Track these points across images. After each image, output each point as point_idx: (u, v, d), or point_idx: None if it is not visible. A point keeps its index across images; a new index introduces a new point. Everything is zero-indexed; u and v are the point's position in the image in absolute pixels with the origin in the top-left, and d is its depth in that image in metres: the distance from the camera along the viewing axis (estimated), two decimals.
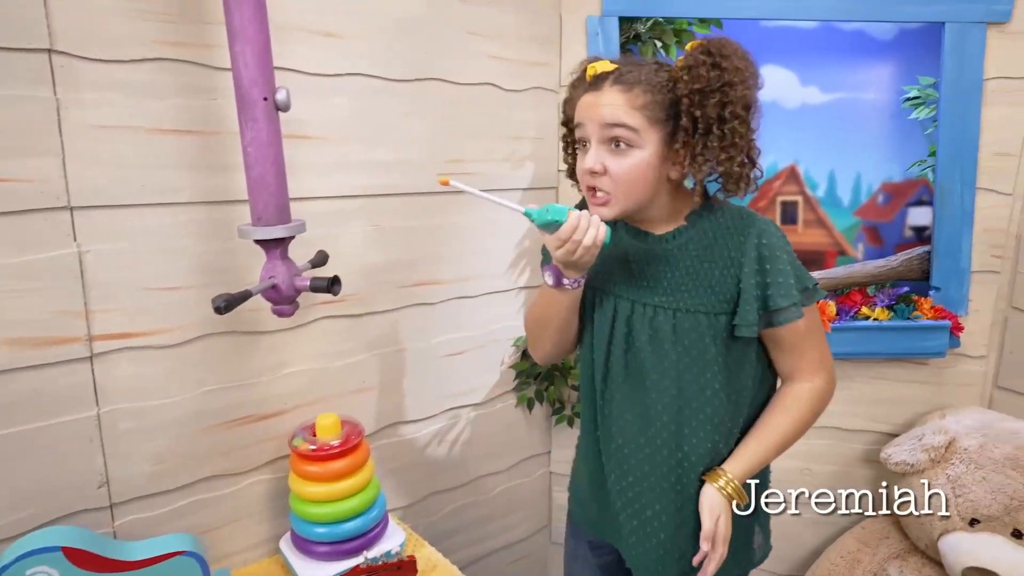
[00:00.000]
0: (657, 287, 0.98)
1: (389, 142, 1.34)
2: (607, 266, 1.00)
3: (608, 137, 0.90)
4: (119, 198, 1.05)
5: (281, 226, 1.04)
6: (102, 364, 1.07)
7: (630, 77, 0.90)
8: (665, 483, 0.97)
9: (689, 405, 0.96)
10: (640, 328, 0.98)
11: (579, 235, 0.86)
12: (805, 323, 0.96)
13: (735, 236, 0.95)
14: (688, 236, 0.97)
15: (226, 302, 0.93)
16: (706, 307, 0.95)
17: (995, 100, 1.47)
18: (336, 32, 1.24)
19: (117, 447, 1.10)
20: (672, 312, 0.96)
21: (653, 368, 0.97)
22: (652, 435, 0.98)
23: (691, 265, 0.96)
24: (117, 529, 1.12)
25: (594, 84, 0.92)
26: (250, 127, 1.00)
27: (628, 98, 0.89)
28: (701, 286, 0.95)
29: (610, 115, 0.89)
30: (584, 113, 0.93)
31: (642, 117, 0.89)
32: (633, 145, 0.90)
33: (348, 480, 1.21)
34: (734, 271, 0.94)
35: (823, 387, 1.00)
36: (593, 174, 0.92)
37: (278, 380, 1.27)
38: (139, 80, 1.04)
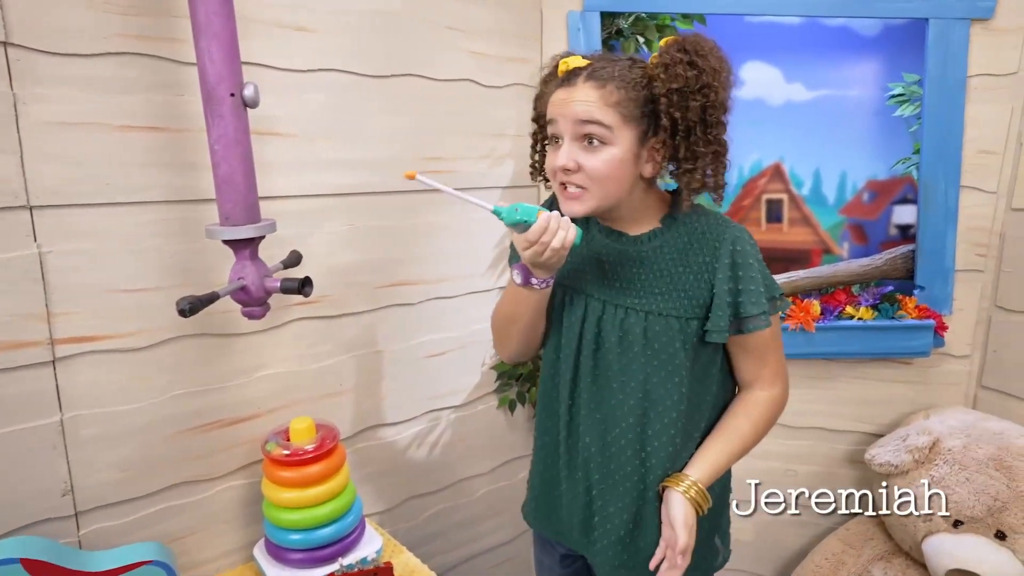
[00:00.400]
0: (630, 289, 0.96)
1: (364, 139, 1.31)
2: (580, 265, 0.99)
3: (581, 134, 0.88)
4: (82, 197, 1.02)
5: (250, 226, 1.01)
6: (65, 368, 1.04)
7: (604, 73, 0.88)
8: (628, 482, 0.98)
9: (655, 408, 0.96)
10: (610, 329, 0.96)
11: (548, 237, 0.84)
12: (770, 332, 0.97)
13: (710, 242, 0.94)
14: (663, 239, 0.96)
15: (190, 305, 0.90)
16: (678, 311, 0.94)
17: (979, 97, 1.46)
18: (309, 26, 1.21)
19: (81, 454, 1.06)
20: (644, 315, 0.95)
21: (621, 370, 0.96)
22: (617, 435, 0.98)
23: (665, 268, 0.95)
24: (83, 538, 1.09)
25: (567, 80, 0.90)
26: (217, 124, 0.97)
27: (602, 94, 0.87)
28: (674, 290, 0.94)
29: (583, 112, 0.87)
30: (556, 109, 0.90)
31: (616, 114, 0.87)
32: (606, 142, 0.88)
33: (323, 485, 1.18)
34: (708, 277, 0.94)
35: (780, 396, 1.02)
36: (566, 171, 0.90)
37: (251, 383, 1.24)
38: (102, 75, 1.01)
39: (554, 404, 1.05)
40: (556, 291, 1.02)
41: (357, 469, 1.42)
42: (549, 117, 0.92)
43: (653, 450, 0.96)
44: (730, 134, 0.92)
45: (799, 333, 1.54)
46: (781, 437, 1.68)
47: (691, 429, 0.99)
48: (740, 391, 1.04)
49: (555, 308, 1.03)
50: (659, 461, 0.96)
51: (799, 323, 1.52)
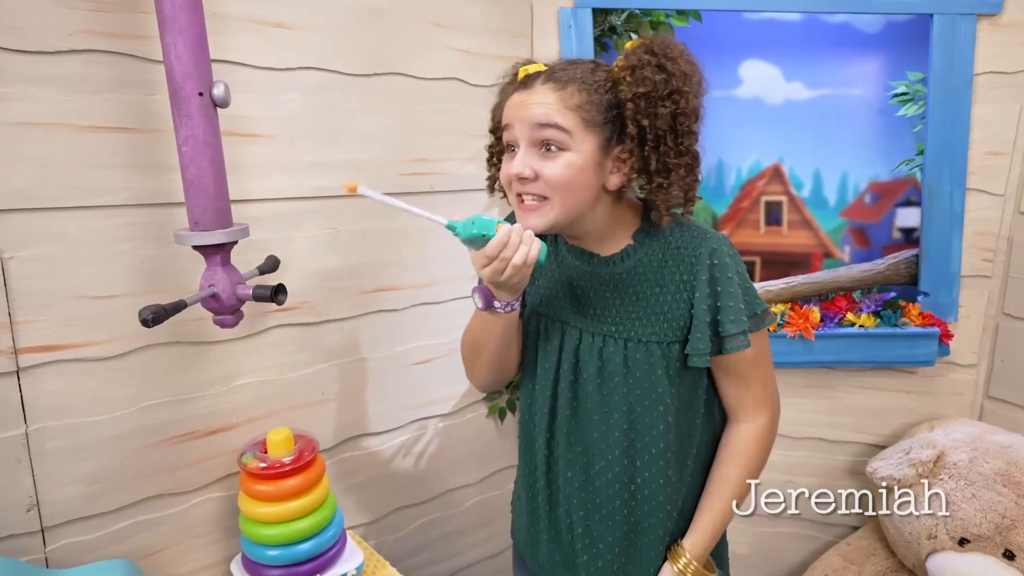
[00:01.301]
0: (606, 315, 0.90)
1: (345, 140, 1.27)
2: (553, 290, 0.93)
3: (538, 139, 0.82)
4: (47, 200, 0.98)
5: (220, 231, 0.97)
6: (30, 379, 0.99)
7: (564, 75, 0.81)
8: (618, 516, 0.91)
9: (641, 439, 0.89)
10: (588, 359, 0.90)
11: (508, 252, 0.77)
12: (753, 352, 0.88)
13: (686, 257, 0.87)
14: (637, 258, 0.89)
15: (153, 315, 0.85)
16: (658, 336, 0.87)
17: (986, 96, 1.40)
18: (287, 23, 1.16)
19: (48, 467, 1.02)
20: (623, 342, 0.88)
21: (602, 401, 0.90)
22: (603, 468, 0.91)
23: (641, 291, 0.88)
24: (50, 555, 1.04)
25: (525, 83, 0.84)
26: (184, 124, 0.93)
27: (561, 96, 0.80)
28: (652, 314, 0.88)
29: (541, 114, 0.80)
30: (513, 113, 0.84)
31: (576, 118, 0.80)
32: (565, 148, 0.81)
33: (301, 499, 1.14)
34: (686, 296, 0.86)
35: (767, 426, 0.94)
36: (522, 180, 0.82)
37: (228, 393, 1.20)
38: (67, 73, 0.97)
39: (531, 437, 0.99)
40: (531, 319, 0.96)
41: (340, 480, 1.38)
42: (505, 123, 0.85)
43: (644, 481, 0.90)
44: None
45: (798, 341, 1.49)
46: (779, 448, 1.60)
47: (683, 456, 0.93)
48: (727, 425, 0.97)
49: (530, 336, 0.97)
50: (651, 493, 0.90)
51: (798, 330, 1.47)
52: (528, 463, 1.01)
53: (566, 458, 0.94)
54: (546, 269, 0.94)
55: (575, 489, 0.94)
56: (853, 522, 1.63)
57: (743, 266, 0.90)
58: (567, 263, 0.93)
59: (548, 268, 0.94)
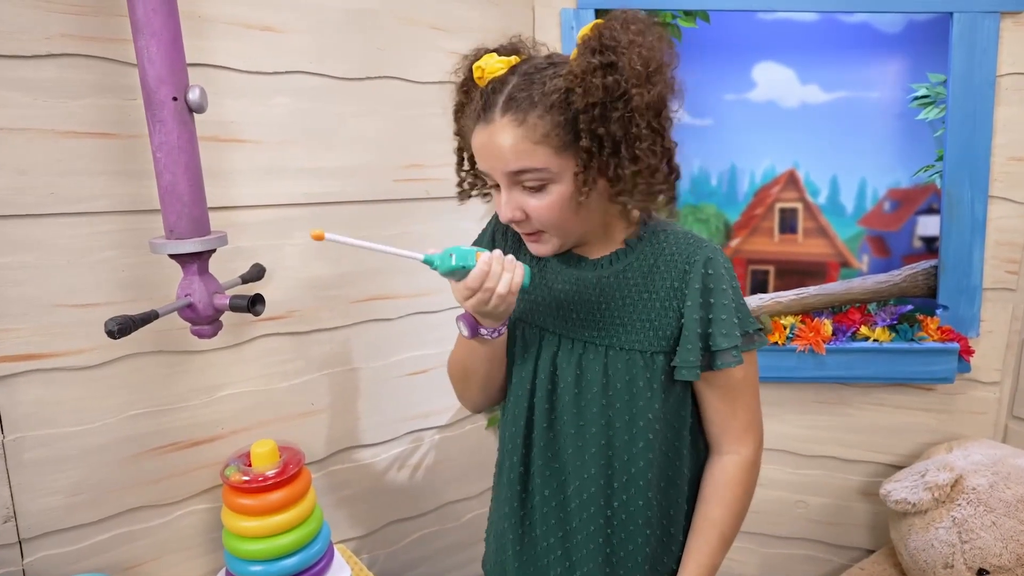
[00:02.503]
0: (588, 320, 0.84)
1: (337, 146, 1.24)
2: (533, 294, 0.89)
3: (516, 182, 0.77)
4: (25, 207, 0.96)
5: (196, 239, 0.94)
6: (6, 388, 0.98)
7: (522, 101, 0.73)
8: (594, 541, 0.85)
9: (620, 458, 0.83)
10: (566, 367, 0.85)
11: (491, 282, 0.74)
12: (742, 372, 0.83)
13: (679, 264, 0.82)
14: (626, 262, 0.84)
15: (119, 325, 0.83)
16: (642, 344, 0.82)
17: (1010, 99, 1.32)
18: (275, 26, 1.14)
19: (25, 478, 1.00)
20: (604, 349, 0.83)
21: (579, 414, 0.84)
22: (578, 488, 0.85)
23: (628, 296, 0.83)
24: (27, 567, 1.02)
25: (484, 113, 0.76)
26: (158, 130, 0.90)
27: (524, 133, 0.73)
28: (638, 320, 0.82)
29: (513, 161, 0.75)
30: (482, 154, 0.78)
31: (547, 149, 0.74)
32: (548, 182, 0.76)
33: (285, 513, 1.11)
34: (676, 304, 0.81)
35: (751, 458, 0.88)
36: (517, 221, 0.80)
37: (213, 403, 1.17)
38: (45, 78, 0.95)
39: (504, 452, 0.94)
40: (509, 322, 0.90)
41: (332, 493, 1.35)
42: (480, 165, 0.80)
43: (621, 505, 0.84)
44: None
45: (808, 355, 1.42)
46: (790, 466, 1.57)
47: (665, 485, 0.86)
48: (709, 457, 0.90)
49: (507, 343, 0.92)
50: (629, 516, 0.84)
51: (808, 344, 1.41)
52: (502, 482, 0.96)
53: (543, 475, 0.88)
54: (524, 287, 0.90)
55: (552, 509, 0.88)
56: (868, 545, 1.55)
57: (737, 281, 0.84)
58: (551, 267, 0.89)
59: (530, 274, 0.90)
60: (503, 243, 0.95)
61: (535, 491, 0.89)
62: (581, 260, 0.87)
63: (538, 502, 0.89)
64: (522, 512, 0.91)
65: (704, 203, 1.64)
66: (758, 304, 1.52)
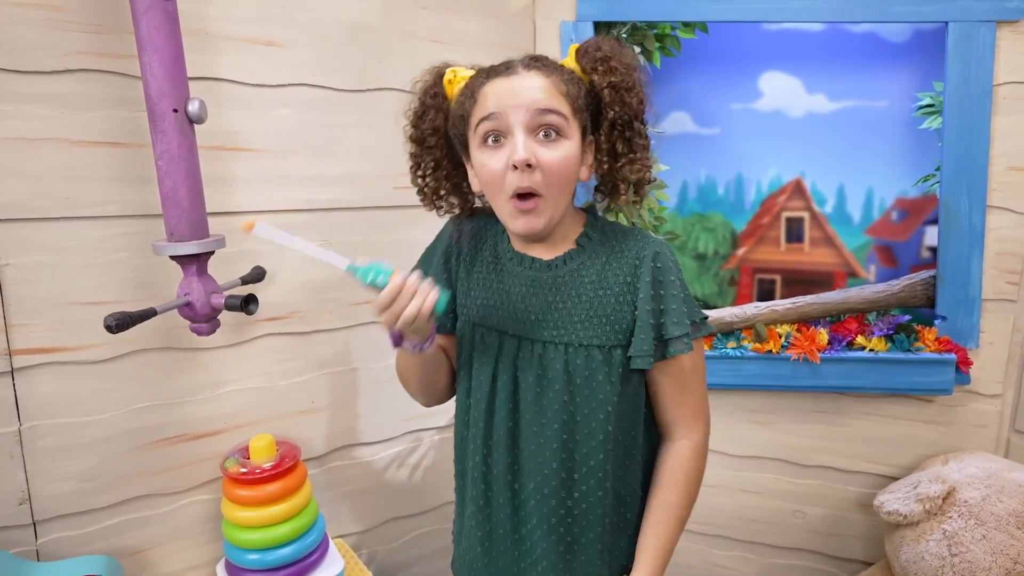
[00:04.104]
0: (547, 320, 0.87)
1: (338, 154, 1.29)
2: (491, 300, 0.91)
3: (537, 124, 0.80)
4: (42, 211, 1.03)
5: (194, 242, 1.01)
6: (24, 379, 1.05)
7: (543, 63, 0.83)
8: (555, 532, 0.88)
9: (580, 451, 0.87)
10: (527, 367, 0.88)
11: (398, 306, 0.76)
12: (691, 360, 0.87)
13: (629, 260, 0.86)
14: (579, 261, 0.88)
15: (117, 321, 0.89)
16: (600, 340, 0.85)
17: (1008, 108, 1.31)
18: (278, 41, 1.20)
19: (40, 464, 1.07)
20: (564, 347, 0.86)
21: (541, 412, 0.87)
22: (540, 483, 0.88)
23: (584, 293, 0.86)
24: (40, 548, 1.09)
25: (501, 71, 0.83)
26: (160, 140, 0.97)
27: (553, 82, 0.81)
28: (595, 316, 0.85)
29: (542, 100, 0.79)
30: (503, 100, 0.80)
31: (567, 104, 0.81)
32: (563, 135, 0.81)
33: (281, 504, 1.16)
34: (630, 298, 0.85)
35: (701, 441, 0.92)
36: (528, 167, 0.79)
37: (216, 399, 1.23)
38: (62, 91, 1.02)
39: (466, 452, 0.96)
40: (466, 328, 0.94)
41: (331, 488, 1.40)
42: (490, 111, 0.81)
43: (581, 495, 0.87)
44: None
45: (803, 364, 1.42)
46: (787, 475, 1.56)
47: (623, 474, 0.90)
48: (661, 442, 0.94)
49: (464, 349, 0.95)
50: (588, 507, 0.87)
51: (802, 353, 1.40)
52: (466, 483, 0.98)
53: (507, 473, 0.91)
54: (483, 279, 0.93)
55: (517, 504, 0.91)
56: (866, 558, 1.54)
57: (682, 273, 0.89)
58: (508, 271, 0.92)
59: (486, 278, 0.92)
60: (456, 262, 0.96)
61: (499, 489, 0.92)
62: (536, 262, 0.90)
63: (502, 499, 0.92)
64: (488, 510, 0.94)
65: (711, 212, 1.65)
66: (754, 312, 1.52)
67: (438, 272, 0.96)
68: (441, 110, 0.89)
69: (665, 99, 1.58)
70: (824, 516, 1.55)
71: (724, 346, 1.51)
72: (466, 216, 0.98)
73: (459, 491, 1.02)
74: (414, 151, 0.93)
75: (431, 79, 0.90)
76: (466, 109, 0.85)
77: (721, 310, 1.56)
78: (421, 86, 0.91)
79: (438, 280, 0.90)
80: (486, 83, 0.83)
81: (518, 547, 0.92)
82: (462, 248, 0.96)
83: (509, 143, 0.80)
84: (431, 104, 0.89)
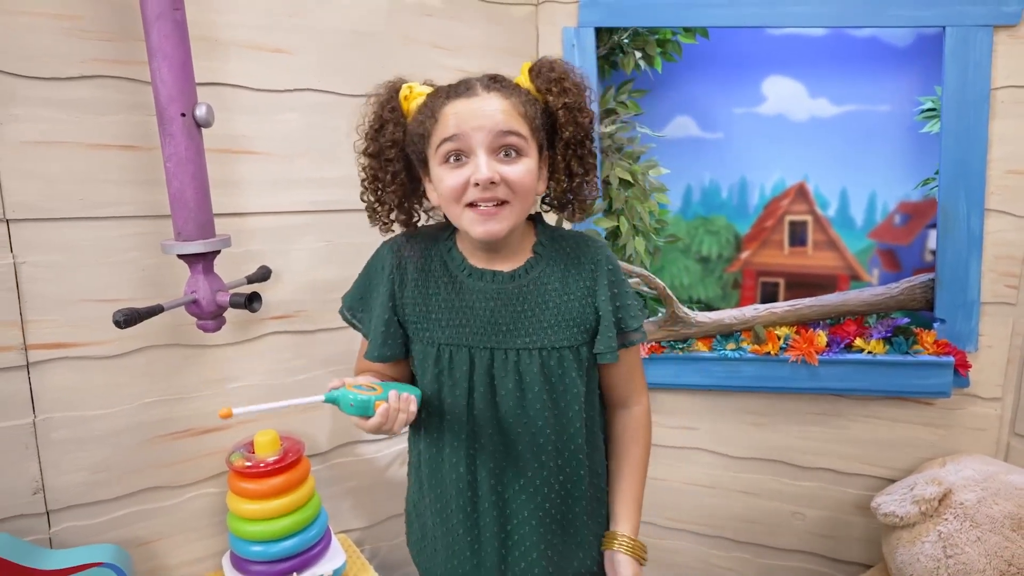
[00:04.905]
0: (518, 329, 0.91)
1: (341, 157, 1.31)
2: (455, 319, 0.92)
3: (500, 145, 0.84)
4: (57, 211, 1.07)
5: (200, 241, 1.04)
6: (38, 373, 1.09)
7: (502, 85, 0.86)
8: (548, 519, 0.94)
9: (562, 439, 0.93)
10: (504, 376, 0.91)
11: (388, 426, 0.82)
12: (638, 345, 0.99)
13: (587, 264, 0.93)
14: (540, 268, 0.93)
15: (125, 317, 0.93)
16: (570, 341, 0.91)
17: (1007, 112, 1.31)
18: (284, 48, 1.24)
19: (53, 455, 1.11)
20: (538, 352, 0.91)
21: (524, 413, 0.91)
22: (531, 477, 0.93)
23: (551, 299, 0.91)
24: (53, 536, 1.13)
25: (462, 91, 0.85)
26: (168, 143, 1.01)
27: (512, 104, 0.85)
28: (563, 320, 0.91)
29: (503, 121, 0.83)
30: (464, 122, 0.83)
31: (526, 125, 0.85)
32: (522, 153, 0.85)
33: (284, 498, 1.19)
34: (591, 300, 0.92)
35: (648, 406, 1.03)
36: (492, 184, 0.83)
37: (223, 394, 1.27)
38: (78, 97, 1.07)
39: (441, 471, 0.97)
40: (429, 350, 0.94)
41: (335, 484, 1.43)
42: (452, 132, 0.83)
43: (566, 478, 0.95)
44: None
45: (801, 366, 1.43)
46: (787, 477, 1.57)
47: (591, 450, 0.98)
48: (613, 412, 1.02)
49: (429, 368, 0.94)
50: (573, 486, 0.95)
51: (800, 355, 1.41)
52: (446, 493, 0.97)
53: (489, 482, 0.93)
54: (444, 300, 0.93)
55: (505, 501, 0.94)
56: (865, 560, 1.54)
57: None
58: (468, 287, 0.92)
59: (446, 299, 0.93)
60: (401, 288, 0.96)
61: (484, 494, 0.94)
62: (497, 275, 0.92)
63: (488, 503, 0.94)
64: (475, 515, 0.95)
65: (715, 215, 1.67)
66: (753, 314, 1.53)
67: (383, 303, 0.96)
68: (399, 124, 0.90)
69: (669, 104, 1.60)
70: (823, 518, 1.55)
71: (723, 348, 1.52)
72: (401, 240, 0.99)
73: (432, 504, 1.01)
74: (370, 164, 0.93)
75: (386, 93, 0.92)
76: (426, 128, 0.87)
77: (720, 312, 1.57)
78: (377, 100, 0.92)
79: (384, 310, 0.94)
80: (447, 103, 0.85)
81: (504, 544, 0.95)
82: (406, 273, 0.95)
83: (472, 162, 0.84)
84: (389, 118, 0.90)
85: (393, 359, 0.97)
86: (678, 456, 1.65)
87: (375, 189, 0.94)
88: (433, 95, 0.88)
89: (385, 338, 0.95)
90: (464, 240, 0.95)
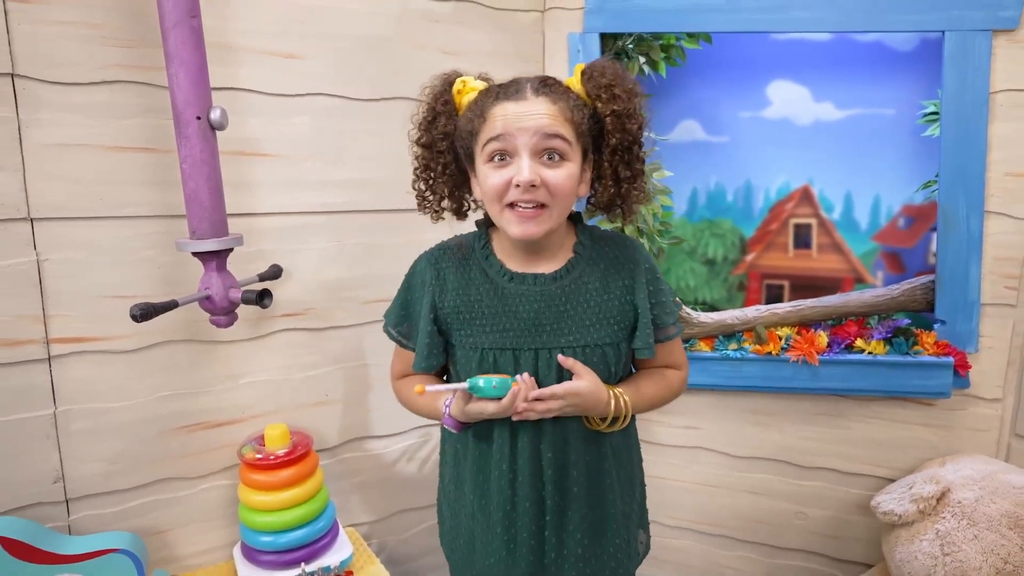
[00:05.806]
0: (562, 328, 0.93)
1: (352, 160, 1.36)
2: (499, 324, 0.94)
3: (543, 148, 0.86)
4: (78, 211, 1.12)
5: (214, 239, 1.08)
6: (59, 366, 1.14)
7: (552, 89, 0.88)
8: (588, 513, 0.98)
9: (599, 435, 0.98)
10: (548, 375, 0.93)
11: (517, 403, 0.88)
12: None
13: (626, 264, 0.96)
14: (581, 268, 0.95)
15: (142, 311, 0.97)
16: (610, 338, 0.95)
17: (1006, 115, 1.32)
18: (297, 53, 1.28)
19: (72, 445, 1.16)
20: (581, 349, 0.94)
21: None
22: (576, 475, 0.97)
23: (591, 298, 0.94)
24: (72, 523, 1.18)
25: (511, 93, 0.87)
26: (183, 145, 1.05)
27: (560, 109, 0.87)
28: (604, 318, 0.94)
29: (548, 125, 0.85)
30: (511, 123, 0.85)
31: (572, 130, 0.87)
32: (566, 158, 0.87)
33: (293, 490, 1.23)
34: (630, 298, 0.95)
35: (686, 377, 1.07)
36: (532, 187, 0.85)
37: (235, 389, 1.31)
38: (99, 101, 1.11)
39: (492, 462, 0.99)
40: (472, 355, 0.96)
41: (343, 478, 1.46)
42: (497, 132, 0.86)
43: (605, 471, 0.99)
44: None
45: (802, 366, 1.44)
46: (789, 476, 1.58)
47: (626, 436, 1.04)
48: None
49: (474, 370, 0.96)
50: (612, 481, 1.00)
51: (801, 355, 1.43)
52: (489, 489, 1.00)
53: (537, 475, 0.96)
54: (487, 307, 0.95)
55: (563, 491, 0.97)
56: (867, 560, 1.54)
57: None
58: (510, 292, 0.95)
59: (489, 305, 0.95)
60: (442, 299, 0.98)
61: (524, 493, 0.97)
62: (538, 277, 0.95)
63: (528, 502, 0.96)
64: (514, 514, 0.98)
65: (720, 218, 1.68)
66: (755, 315, 1.55)
67: (426, 315, 0.98)
68: (451, 117, 0.93)
69: (675, 108, 1.63)
70: (825, 518, 1.56)
71: (725, 348, 1.54)
72: (437, 252, 1.02)
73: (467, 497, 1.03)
74: (422, 154, 0.96)
75: (441, 86, 0.94)
76: (475, 126, 0.89)
77: (722, 312, 1.59)
78: (431, 92, 0.95)
79: (427, 322, 0.97)
80: (496, 104, 0.87)
81: (542, 544, 0.98)
82: (446, 283, 0.98)
83: (515, 163, 0.86)
84: (442, 111, 0.93)
85: (438, 367, 1.02)
86: (682, 455, 1.66)
87: (427, 179, 0.98)
88: (484, 93, 0.90)
89: (430, 349, 0.97)
90: (502, 245, 0.98)
